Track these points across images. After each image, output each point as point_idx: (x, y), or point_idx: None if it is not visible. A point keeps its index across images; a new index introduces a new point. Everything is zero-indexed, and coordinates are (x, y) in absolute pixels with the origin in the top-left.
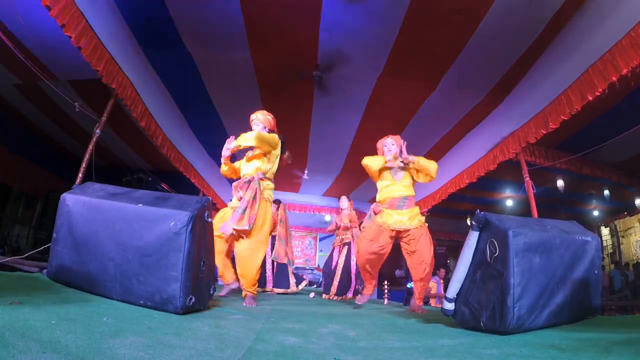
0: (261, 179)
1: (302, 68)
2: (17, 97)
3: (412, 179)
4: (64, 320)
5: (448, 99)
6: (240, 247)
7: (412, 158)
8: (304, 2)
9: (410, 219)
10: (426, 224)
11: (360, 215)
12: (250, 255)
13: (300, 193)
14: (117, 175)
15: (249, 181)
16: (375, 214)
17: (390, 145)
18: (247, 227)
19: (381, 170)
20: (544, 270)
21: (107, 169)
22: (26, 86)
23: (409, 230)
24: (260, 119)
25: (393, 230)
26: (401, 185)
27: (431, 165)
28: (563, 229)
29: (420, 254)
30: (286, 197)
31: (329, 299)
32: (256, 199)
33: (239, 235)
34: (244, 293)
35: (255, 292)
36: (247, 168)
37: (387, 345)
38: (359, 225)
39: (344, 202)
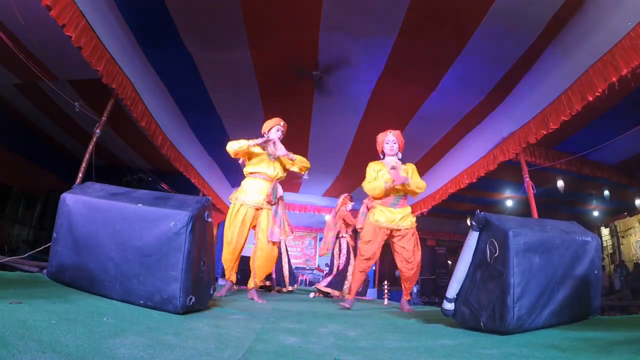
0: None
1: (302, 68)
2: (17, 97)
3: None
4: (64, 320)
5: (448, 99)
6: (269, 249)
7: (407, 181)
8: (304, 2)
9: (403, 219)
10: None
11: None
12: (276, 256)
13: (300, 193)
14: (117, 175)
15: (274, 188)
16: (368, 209)
17: (392, 143)
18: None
19: (377, 170)
20: (544, 270)
21: (107, 169)
22: (26, 86)
23: (400, 229)
24: (284, 132)
25: (387, 228)
26: None
27: (418, 190)
28: (563, 229)
29: (409, 252)
30: (286, 197)
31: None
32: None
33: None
34: (255, 286)
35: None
36: (271, 169)
37: (387, 345)
38: (355, 226)
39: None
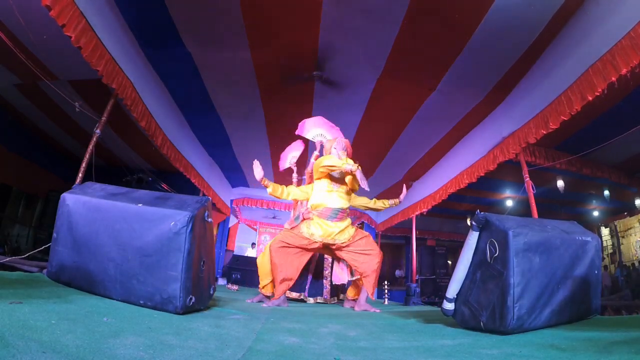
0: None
1: (302, 68)
2: (17, 97)
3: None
4: (64, 320)
5: (448, 99)
6: None
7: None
8: (304, 2)
9: (340, 233)
10: (358, 227)
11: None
12: None
13: None
14: (117, 175)
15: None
16: (304, 219)
17: (340, 149)
18: None
19: (321, 173)
20: (544, 270)
21: (107, 169)
22: (26, 86)
23: (341, 243)
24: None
25: (317, 242)
26: (338, 194)
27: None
28: (563, 229)
29: (365, 252)
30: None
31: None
32: None
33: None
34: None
35: None
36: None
37: (387, 345)
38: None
39: None
